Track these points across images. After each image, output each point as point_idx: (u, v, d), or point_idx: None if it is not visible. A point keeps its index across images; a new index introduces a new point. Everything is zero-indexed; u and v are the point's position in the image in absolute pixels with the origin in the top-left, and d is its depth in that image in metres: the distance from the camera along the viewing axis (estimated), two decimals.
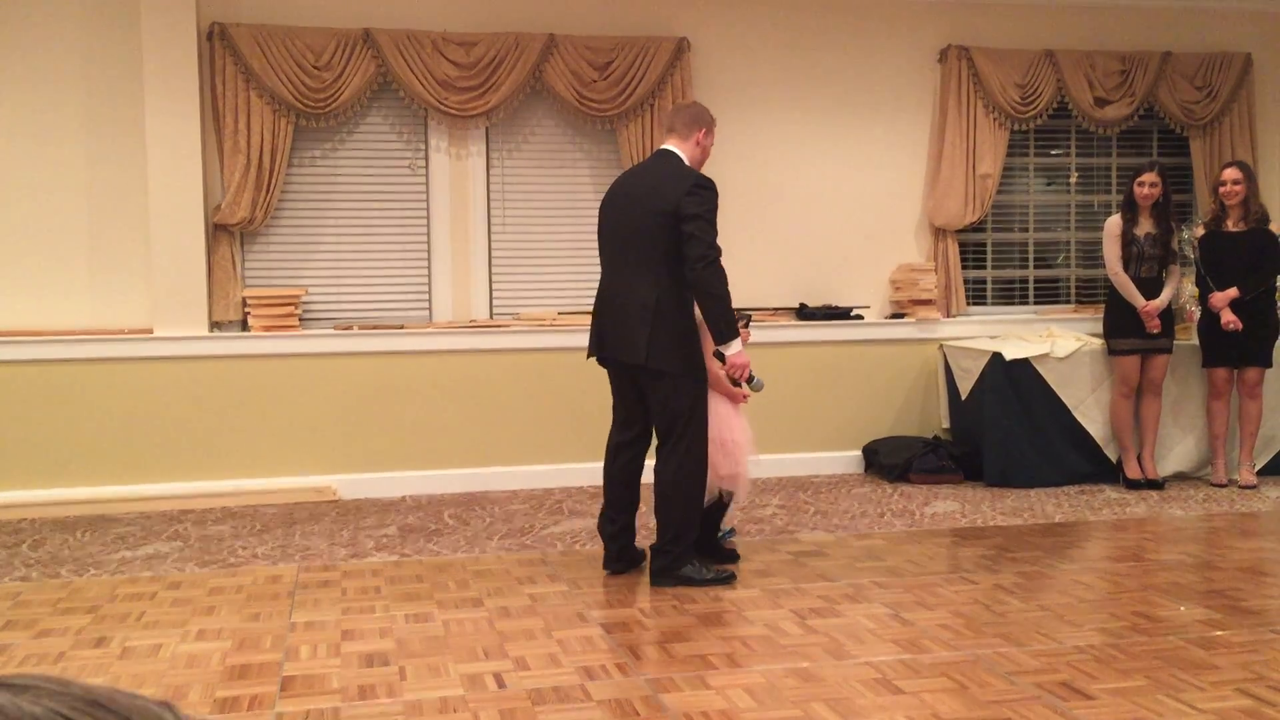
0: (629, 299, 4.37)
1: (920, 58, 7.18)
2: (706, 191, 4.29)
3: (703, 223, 4.24)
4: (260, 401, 6.25)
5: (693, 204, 4.25)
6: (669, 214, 4.27)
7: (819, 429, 6.91)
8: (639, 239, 4.37)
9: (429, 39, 6.40)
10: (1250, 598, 4.20)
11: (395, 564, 4.88)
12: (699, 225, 4.23)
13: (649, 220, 4.33)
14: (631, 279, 4.38)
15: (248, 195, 6.21)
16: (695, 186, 4.28)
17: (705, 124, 4.51)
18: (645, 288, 4.33)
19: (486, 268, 6.66)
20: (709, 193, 4.30)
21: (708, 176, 4.40)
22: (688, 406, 4.36)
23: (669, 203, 4.28)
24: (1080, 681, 3.33)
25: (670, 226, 4.27)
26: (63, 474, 6.02)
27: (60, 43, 6.12)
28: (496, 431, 6.51)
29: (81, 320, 6.18)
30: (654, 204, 4.32)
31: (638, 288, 4.35)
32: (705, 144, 4.52)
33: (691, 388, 4.38)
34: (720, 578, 4.44)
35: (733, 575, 4.49)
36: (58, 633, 3.93)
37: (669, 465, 4.39)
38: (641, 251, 4.37)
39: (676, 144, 4.48)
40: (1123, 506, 5.93)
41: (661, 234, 4.30)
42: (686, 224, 4.24)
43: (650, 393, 4.42)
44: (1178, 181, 7.35)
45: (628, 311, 4.36)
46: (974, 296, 7.40)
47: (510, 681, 3.40)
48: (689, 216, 4.24)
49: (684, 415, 4.36)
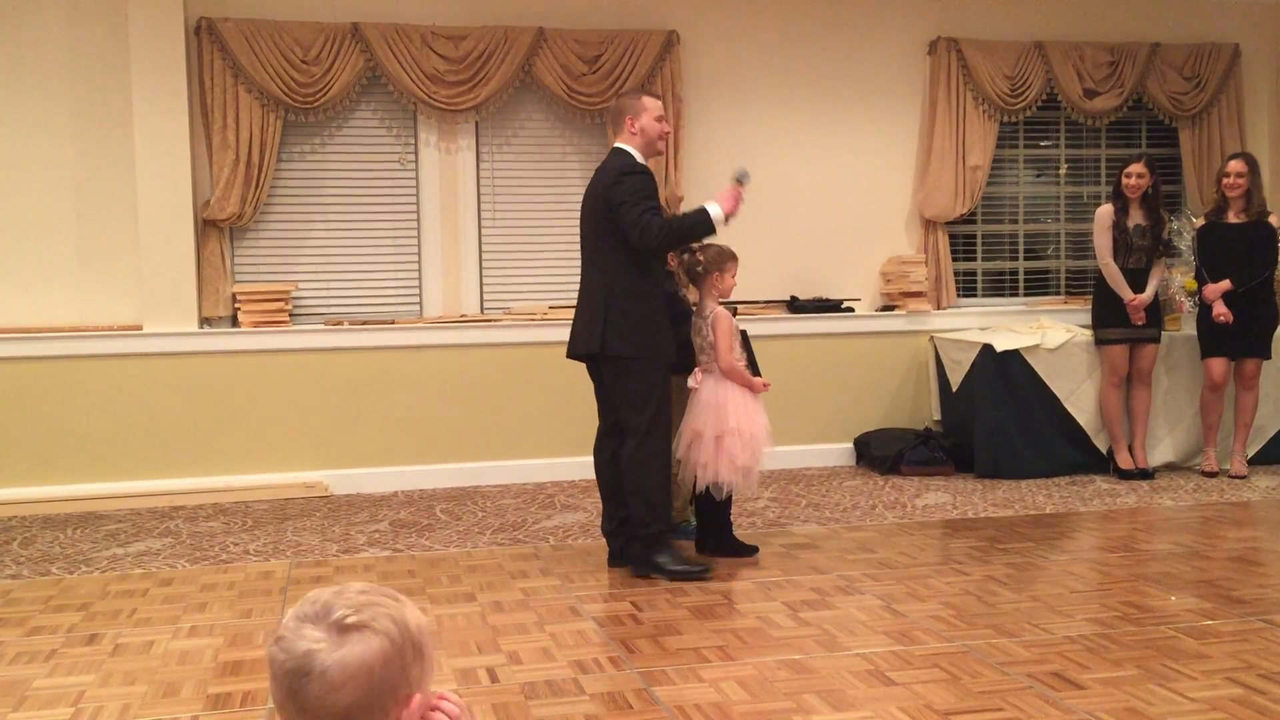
0: (587, 292, 4.56)
1: (910, 50, 7.18)
2: (630, 177, 4.42)
3: (628, 206, 4.38)
4: (251, 397, 6.24)
5: (618, 193, 4.40)
6: (605, 208, 4.45)
7: (810, 421, 6.92)
8: (591, 235, 4.56)
9: (418, 33, 6.38)
10: (1241, 587, 4.21)
11: (387, 559, 4.87)
12: (625, 210, 4.37)
13: (596, 216, 4.52)
14: (589, 273, 4.58)
15: (237, 191, 6.19)
16: (620, 176, 4.44)
17: (629, 112, 4.58)
18: (599, 280, 4.50)
19: (477, 262, 6.65)
20: (632, 177, 4.43)
21: (640, 163, 4.49)
22: (643, 391, 4.43)
23: (602, 198, 4.46)
24: (1072, 671, 3.34)
25: (610, 219, 4.44)
26: (53, 471, 6.00)
27: (48, 39, 6.09)
28: (488, 426, 6.50)
29: (71, 317, 6.16)
30: (596, 201, 4.52)
31: (593, 280, 4.53)
32: (641, 128, 4.55)
33: (647, 372, 4.44)
34: (691, 571, 4.45)
35: (706, 569, 4.49)
36: (49, 630, 3.92)
37: (630, 452, 4.46)
38: (593, 247, 4.55)
39: (622, 141, 4.59)
40: (1113, 497, 5.95)
41: (605, 227, 4.47)
42: (616, 213, 4.40)
43: (609, 380, 4.53)
44: (1167, 172, 7.37)
45: (586, 304, 4.55)
46: (964, 288, 7.41)
47: (503, 676, 3.40)
48: (616, 205, 4.40)
49: (640, 400, 4.43)
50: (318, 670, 1.28)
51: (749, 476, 4.60)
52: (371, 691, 1.30)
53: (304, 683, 1.28)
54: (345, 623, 1.30)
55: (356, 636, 1.30)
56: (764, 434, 4.60)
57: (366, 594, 1.34)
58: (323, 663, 1.28)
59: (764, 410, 4.65)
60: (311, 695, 1.28)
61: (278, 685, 1.31)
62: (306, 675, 1.28)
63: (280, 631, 1.33)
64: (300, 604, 1.34)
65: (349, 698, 1.29)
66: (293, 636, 1.31)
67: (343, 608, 1.31)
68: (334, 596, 1.33)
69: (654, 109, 4.58)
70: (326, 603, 1.32)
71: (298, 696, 1.29)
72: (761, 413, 4.62)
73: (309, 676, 1.28)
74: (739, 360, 4.62)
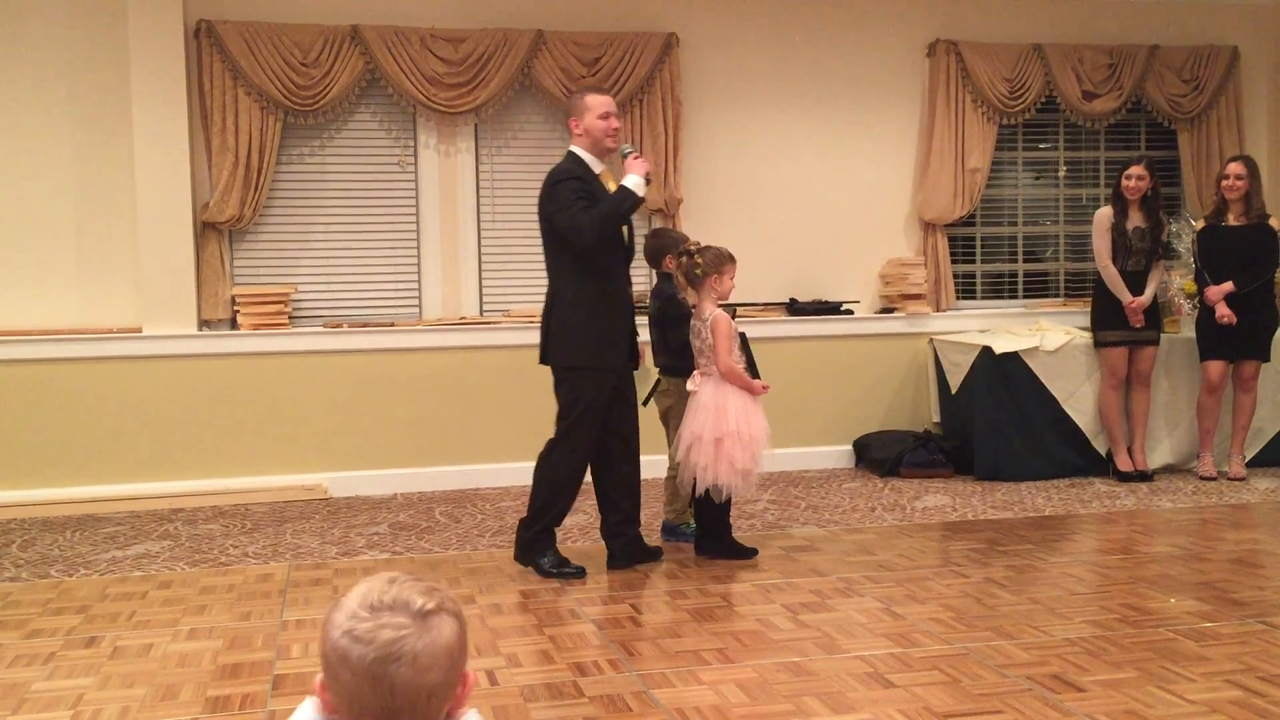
0: (546, 301, 4.66)
1: (909, 52, 7.18)
2: (557, 185, 4.49)
3: (560, 214, 4.42)
4: (250, 400, 6.24)
5: (550, 206, 4.48)
6: (546, 221, 4.53)
7: (810, 424, 6.92)
8: (544, 245, 4.63)
9: (417, 35, 6.38)
10: (1240, 589, 4.22)
11: (386, 562, 4.87)
12: (558, 218, 4.43)
13: (541, 228, 4.60)
14: (549, 282, 4.66)
15: (236, 193, 6.19)
16: (550, 188, 4.52)
17: (573, 113, 4.61)
18: (549, 288, 4.62)
19: (476, 264, 6.65)
20: (559, 185, 4.48)
21: (571, 169, 4.53)
22: (569, 402, 4.53)
23: (542, 213, 4.55)
24: (1071, 674, 3.34)
25: (550, 231, 4.53)
26: (52, 474, 6.00)
27: (47, 41, 6.10)
28: (487, 428, 6.50)
29: (70, 319, 6.16)
30: (540, 213, 4.59)
31: (548, 289, 4.64)
32: (585, 129, 4.56)
33: (577, 383, 4.52)
34: (564, 572, 4.52)
35: (581, 570, 4.54)
36: (48, 633, 3.92)
37: (549, 454, 4.57)
38: (546, 255, 4.63)
39: (573, 143, 4.62)
40: (1112, 499, 5.95)
41: (549, 239, 4.57)
42: (553, 224, 4.47)
43: (554, 386, 4.62)
44: (1165, 175, 7.37)
45: (543, 313, 4.66)
46: (963, 291, 7.41)
47: (503, 679, 3.40)
48: (551, 216, 4.47)
49: (566, 409, 4.54)
50: (409, 655, 1.37)
51: (748, 479, 4.60)
52: (451, 669, 1.42)
53: (395, 669, 1.37)
54: (426, 610, 1.40)
55: (436, 620, 1.41)
56: (763, 436, 4.60)
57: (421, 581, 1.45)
58: (413, 647, 1.37)
59: (763, 413, 4.65)
60: (402, 679, 1.37)
61: (356, 676, 1.38)
62: (397, 661, 1.37)
63: (348, 625, 1.39)
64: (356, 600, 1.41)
65: (437, 677, 1.39)
66: (372, 627, 1.38)
67: (418, 595, 1.41)
68: (400, 588, 1.42)
69: (598, 107, 4.54)
70: (398, 594, 1.41)
71: (384, 682, 1.37)
72: (761, 415, 4.62)
73: (400, 662, 1.37)
74: (738, 363, 4.62)
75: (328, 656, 1.40)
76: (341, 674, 1.39)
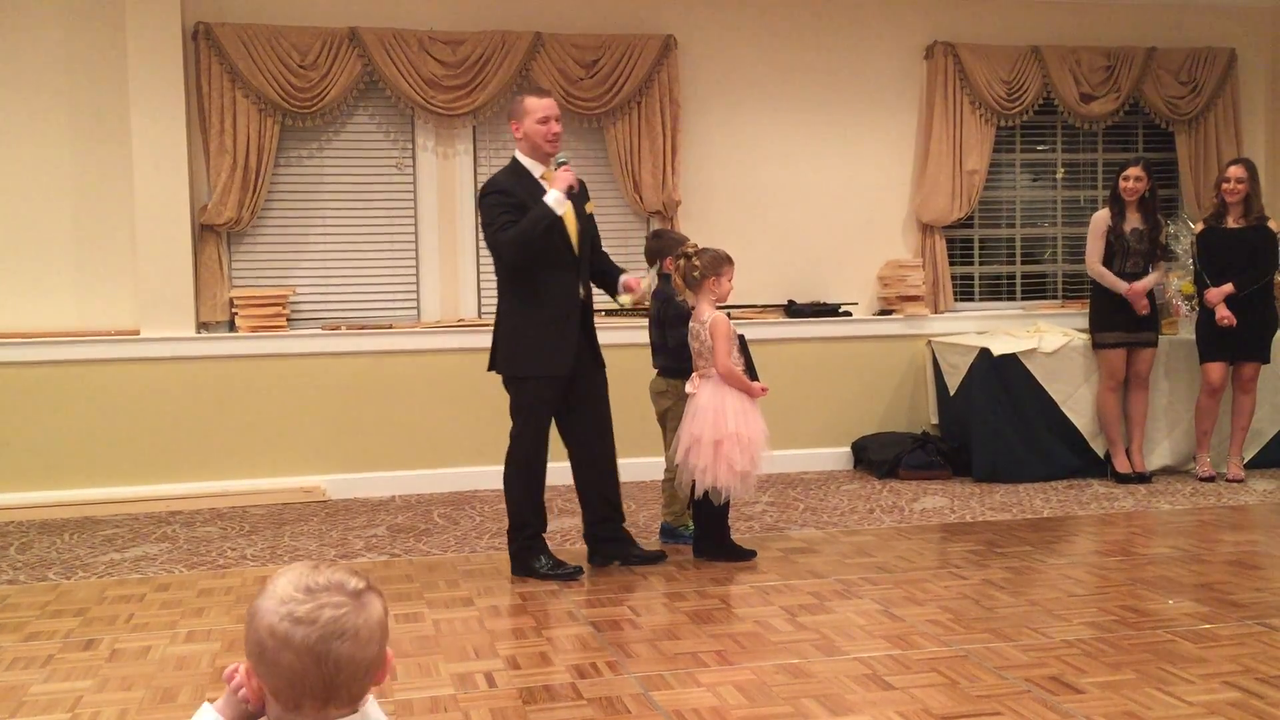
0: None
1: (906, 54, 7.19)
2: (484, 200, 4.52)
3: (487, 232, 4.48)
4: (248, 402, 6.23)
5: (481, 219, 4.56)
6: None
7: (808, 426, 6.92)
8: None
9: (415, 38, 6.39)
10: (1238, 591, 4.22)
11: (385, 564, 4.87)
12: (486, 236, 4.52)
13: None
14: None
15: (234, 195, 6.19)
16: (479, 201, 4.60)
17: (513, 116, 4.60)
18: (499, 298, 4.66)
19: (474, 266, 6.65)
20: (483, 199, 4.51)
21: (491, 180, 4.55)
22: (515, 409, 4.59)
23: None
24: (1070, 675, 3.35)
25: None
26: (50, 476, 6.00)
27: (44, 43, 6.09)
28: (485, 431, 6.46)
29: (68, 321, 6.16)
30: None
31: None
32: (525, 133, 4.53)
33: (520, 392, 4.58)
34: (560, 573, 4.52)
35: (577, 570, 4.56)
36: (46, 635, 3.91)
37: (505, 465, 4.63)
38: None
39: (516, 148, 4.61)
40: (1111, 501, 5.95)
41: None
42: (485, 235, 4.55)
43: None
44: (1163, 176, 7.37)
45: None
46: (961, 292, 7.42)
47: (501, 681, 3.40)
48: (483, 229, 4.56)
49: (514, 416, 4.59)
50: (350, 631, 1.45)
51: (747, 481, 4.61)
52: (383, 644, 1.50)
53: (338, 645, 1.44)
54: (359, 589, 1.49)
55: (368, 598, 1.50)
56: (762, 438, 4.60)
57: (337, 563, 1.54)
58: (354, 623, 1.46)
59: (762, 415, 4.65)
60: (345, 655, 1.45)
61: (300, 656, 1.44)
62: (340, 637, 1.44)
63: (285, 610, 1.45)
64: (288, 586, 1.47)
65: (374, 651, 1.48)
66: (313, 608, 1.45)
67: (348, 576, 1.49)
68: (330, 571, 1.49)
69: (537, 110, 4.47)
70: (330, 576, 1.49)
71: (328, 660, 1.44)
72: (759, 417, 4.62)
73: (343, 638, 1.45)
74: (736, 365, 4.62)
75: (263, 643, 1.45)
76: (283, 656, 1.44)
